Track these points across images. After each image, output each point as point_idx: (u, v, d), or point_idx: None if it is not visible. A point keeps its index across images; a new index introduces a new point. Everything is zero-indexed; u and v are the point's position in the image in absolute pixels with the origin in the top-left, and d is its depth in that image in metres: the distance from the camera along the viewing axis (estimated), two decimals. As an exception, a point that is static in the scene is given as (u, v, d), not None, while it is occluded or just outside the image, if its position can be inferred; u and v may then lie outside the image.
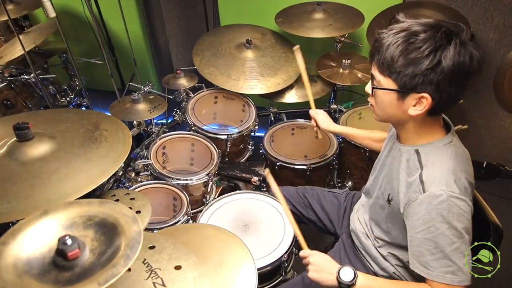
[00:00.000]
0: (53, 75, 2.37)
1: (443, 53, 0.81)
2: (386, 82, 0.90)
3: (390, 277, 1.17)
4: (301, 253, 1.12)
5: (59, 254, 0.52)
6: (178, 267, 0.72)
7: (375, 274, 1.21)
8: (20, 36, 2.17)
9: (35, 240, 0.55)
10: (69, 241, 0.53)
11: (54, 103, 2.34)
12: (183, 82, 1.88)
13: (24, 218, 0.57)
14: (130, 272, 0.70)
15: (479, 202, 1.16)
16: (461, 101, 2.19)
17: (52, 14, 1.30)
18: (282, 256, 1.34)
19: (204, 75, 1.88)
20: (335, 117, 2.25)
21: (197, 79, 1.95)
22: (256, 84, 1.84)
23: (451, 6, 2.09)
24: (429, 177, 0.90)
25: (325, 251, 1.50)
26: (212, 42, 2.07)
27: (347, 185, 2.12)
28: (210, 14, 2.50)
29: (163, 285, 0.68)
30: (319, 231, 1.55)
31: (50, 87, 2.35)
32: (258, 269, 1.29)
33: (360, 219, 1.28)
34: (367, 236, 1.23)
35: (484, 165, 2.41)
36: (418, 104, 0.89)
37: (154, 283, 0.68)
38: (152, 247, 0.76)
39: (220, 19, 2.64)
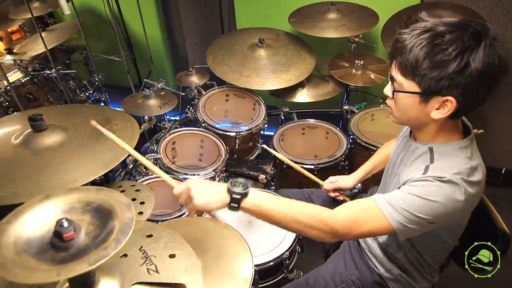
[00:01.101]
0: (73, 71, 2.47)
1: (471, 55, 0.77)
2: (408, 84, 0.86)
3: (396, 279, 1.16)
4: (174, 191, 0.94)
5: (56, 235, 0.56)
6: (172, 256, 0.74)
7: (380, 276, 1.20)
8: (44, 33, 2.29)
9: (36, 222, 0.59)
10: (65, 224, 0.56)
11: (73, 97, 2.44)
12: (195, 80, 1.92)
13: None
14: (126, 258, 0.73)
15: (488, 207, 1.14)
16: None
17: (67, 11, 1.37)
18: (283, 254, 1.35)
19: (216, 73, 1.91)
20: (347, 118, 2.24)
21: (208, 77, 1.98)
22: (267, 80, 1.85)
23: (471, 7, 2.05)
24: (434, 168, 0.87)
25: (330, 252, 1.52)
26: (226, 43, 2.10)
27: (356, 186, 2.10)
28: (225, 14, 2.54)
29: (156, 271, 0.71)
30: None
31: (71, 82, 2.45)
32: (260, 265, 1.32)
33: None
34: (374, 238, 1.22)
35: (503, 172, 2.34)
36: (441, 108, 0.85)
37: (148, 269, 0.71)
38: (149, 236, 0.79)
39: (236, 19, 2.67)
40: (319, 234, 0.89)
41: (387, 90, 0.95)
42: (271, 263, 1.34)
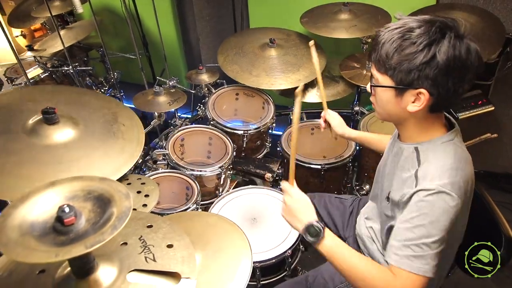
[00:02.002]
0: (90, 68, 2.54)
1: (437, 47, 0.80)
2: (383, 79, 0.90)
3: None
4: (282, 185, 1.08)
5: (58, 220, 0.59)
6: (170, 246, 0.77)
7: None
8: (63, 31, 2.37)
9: (40, 207, 0.62)
10: (66, 210, 0.59)
11: (90, 93, 2.51)
12: (205, 78, 1.95)
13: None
14: (126, 246, 0.76)
15: (494, 211, 1.12)
16: (493, 108, 2.09)
17: (80, 10, 1.42)
18: (286, 252, 1.37)
19: (226, 72, 1.94)
20: (357, 119, 2.23)
21: (218, 76, 2.01)
22: (276, 80, 1.87)
23: (487, 9, 2.00)
24: (424, 173, 0.88)
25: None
26: (237, 42, 2.12)
27: (364, 188, 2.09)
28: (238, 14, 2.56)
29: (154, 260, 0.73)
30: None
31: (87, 78, 2.52)
32: (262, 262, 1.34)
33: (366, 224, 1.27)
34: (372, 240, 1.22)
35: (518, 177, 2.28)
36: (416, 101, 0.88)
37: (145, 258, 0.73)
38: (149, 226, 0.82)
39: (249, 19, 2.70)
40: None
41: (369, 87, 0.99)
42: (274, 260, 1.35)
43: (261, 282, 1.41)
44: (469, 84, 0.86)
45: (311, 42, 1.43)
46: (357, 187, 2.13)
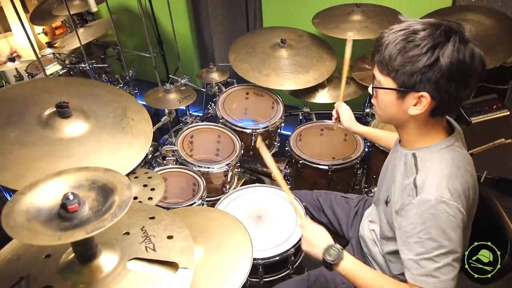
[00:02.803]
0: (105, 65, 2.61)
1: (441, 51, 0.80)
2: (385, 81, 0.90)
3: None
4: (299, 225, 1.17)
5: (62, 207, 0.62)
6: (170, 237, 0.79)
7: None
8: (82, 29, 2.45)
9: (47, 194, 0.66)
10: (71, 197, 0.62)
11: (105, 90, 2.59)
12: (215, 76, 1.98)
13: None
14: (128, 236, 0.79)
15: (501, 216, 1.10)
16: (508, 113, 2.04)
17: (94, 8, 1.46)
18: (288, 250, 1.37)
19: (237, 71, 1.96)
20: (367, 121, 2.21)
21: (228, 75, 2.04)
22: (286, 81, 1.88)
23: (505, 12, 1.96)
24: (422, 182, 0.88)
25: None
26: (249, 41, 2.14)
27: (372, 190, 2.08)
28: (251, 13, 2.59)
29: (154, 250, 0.76)
30: (330, 234, 1.56)
31: (103, 75, 2.60)
32: (265, 259, 1.35)
33: (370, 226, 1.27)
34: (375, 243, 1.22)
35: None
36: (418, 104, 0.87)
37: (146, 247, 0.76)
38: (152, 218, 0.85)
39: (263, 18, 2.72)
40: None
41: (370, 88, 0.98)
42: (276, 258, 1.36)
43: (264, 279, 1.42)
44: (471, 89, 0.85)
45: (350, 35, 1.39)
46: (366, 189, 2.12)
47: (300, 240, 1.41)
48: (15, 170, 0.97)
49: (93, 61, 2.44)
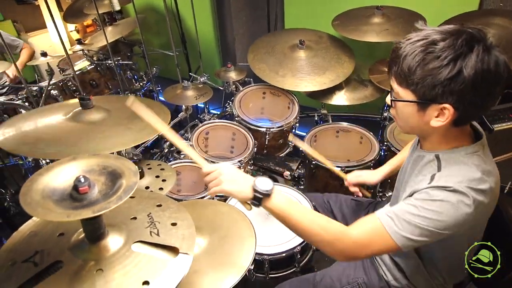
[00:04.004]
0: (131, 62, 2.72)
1: (464, 62, 0.76)
2: (404, 93, 0.86)
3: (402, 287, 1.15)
4: (204, 169, 0.98)
5: (74, 188, 0.68)
6: (174, 224, 0.83)
7: (388, 283, 1.19)
8: (110, 27, 2.56)
9: (62, 176, 0.72)
10: (82, 180, 0.68)
11: (129, 86, 2.70)
12: (232, 75, 2.03)
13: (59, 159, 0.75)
14: (135, 220, 0.84)
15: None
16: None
17: (117, 7, 1.53)
18: (295, 247, 1.39)
19: (254, 70, 2.00)
20: (384, 125, 2.19)
21: (245, 74, 2.07)
22: (302, 82, 1.89)
23: (534, 16, 1.89)
24: (441, 176, 0.85)
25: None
26: (269, 42, 2.18)
27: (387, 195, 2.05)
28: (272, 15, 2.62)
29: (158, 234, 0.80)
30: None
31: (128, 72, 2.71)
32: (271, 255, 1.38)
33: None
34: None
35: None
36: (440, 115, 0.84)
37: (150, 232, 0.81)
38: (159, 205, 0.90)
39: (285, 20, 2.74)
40: (331, 251, 0.90)
41: (388, 99, 0.95)
42: (283, 255, 1.38)
43: (270, 275, 1.44)
44: (497, 97, 0.82)
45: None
46: (380, 193, 2.10)
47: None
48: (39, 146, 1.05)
49: (118, 58, 2.55)
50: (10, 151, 1.03)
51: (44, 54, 2.06)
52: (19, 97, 2.07)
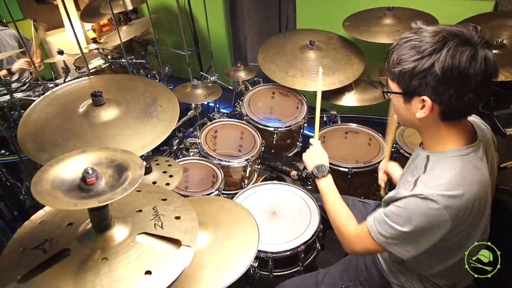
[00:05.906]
0: (143, 61, 2.77)
1: (436, 56, 0.82)
2: (393, 86, 0.94)
3: (403, 286, 1.16)
4: (311, 140, 1.42)
5: (82, 179, 0.71)
6: (177, 217, 0.86)
7: (388, 282, 1.20)
8: (125, 27, 2.62)
9: (71, 168, 0.75)
10: (90, 171, 0.71)
11: (142, 84, 2.74)
12: (242, 75, 2.05)
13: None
14: (141, 213, 0.87)
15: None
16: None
17: (130, 7, 1.57)
18: (299, 246, 1.40)
19: (264, 70, 2.01)
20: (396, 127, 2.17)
21: (254, 74, 2.09)
22: (311, 82, 1.90)
23: (551, 18, 1.85)
24: (422, 181, 0.89)
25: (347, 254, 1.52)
26: (279, 42, 2.19)
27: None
28: (284, 16, 2.63)
29: (161, 227, 0.83)
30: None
31: (141, 71, 2.76)
32: (275, 253, 1.39)
33: None
34: None
35: None
36: (423, 108, 0.90)
37: (155, 224, 0.83)
38: (164, 199, 0.92)
39: (296, 20, 2.75)
40: (340, 237, 1.11)
41: (381, 93, 1.04)
42: (287, 253, 1.40)
43: (274, 273, 1.45)
44: (479, 92, 0.84)
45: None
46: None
47: (311, 238, 1.44)
48: (51, 151, 1.10)
49: (132, 57, 2.60)
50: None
51: (60, 52, 2.12)
52: (36, 93, 2.15)
